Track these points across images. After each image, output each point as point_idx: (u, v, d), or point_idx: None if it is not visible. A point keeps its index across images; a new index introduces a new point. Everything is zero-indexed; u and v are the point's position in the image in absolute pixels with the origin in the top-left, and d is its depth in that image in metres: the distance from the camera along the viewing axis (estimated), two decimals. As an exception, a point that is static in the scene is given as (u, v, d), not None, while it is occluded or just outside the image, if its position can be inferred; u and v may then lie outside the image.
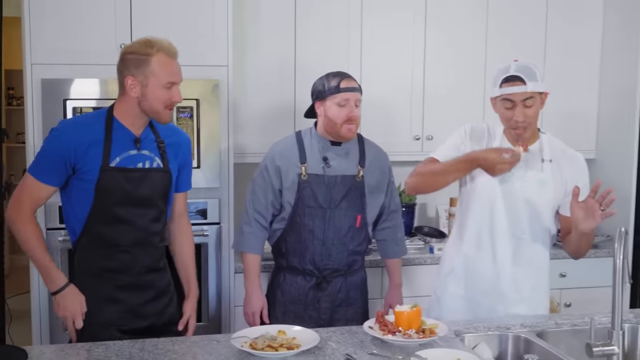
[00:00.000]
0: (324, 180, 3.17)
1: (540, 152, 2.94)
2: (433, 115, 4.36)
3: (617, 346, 2.22)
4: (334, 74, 3.19)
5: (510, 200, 2.89)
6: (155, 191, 2.79)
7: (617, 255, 2.22)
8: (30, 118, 3.56)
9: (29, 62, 3.55)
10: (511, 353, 2.69)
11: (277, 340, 2.42)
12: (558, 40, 4.53)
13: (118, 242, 2.73)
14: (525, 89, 2.80)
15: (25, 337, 4.04)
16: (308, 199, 3.16)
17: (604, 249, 4.34)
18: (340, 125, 3.13)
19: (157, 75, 2.67)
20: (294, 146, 3.22)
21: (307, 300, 3.24)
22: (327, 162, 3.19)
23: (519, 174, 2.88)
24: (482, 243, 2.96)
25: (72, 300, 2.69)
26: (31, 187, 2.70)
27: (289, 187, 3.18)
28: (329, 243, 3.19)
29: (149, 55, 2.66)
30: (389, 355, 2.37)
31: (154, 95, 2.67)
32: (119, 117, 2.72)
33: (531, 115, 2.84)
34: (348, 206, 3.20)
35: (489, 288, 2.96)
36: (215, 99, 3.72)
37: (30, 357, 2.32)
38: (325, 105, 3.15)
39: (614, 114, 4.51)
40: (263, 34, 4.13)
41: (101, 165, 2.65)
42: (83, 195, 2.68)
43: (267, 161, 3.25)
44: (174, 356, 2.36)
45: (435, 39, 4.37)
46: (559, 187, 2.91)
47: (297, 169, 3.17)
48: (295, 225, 3.21)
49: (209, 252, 3.78)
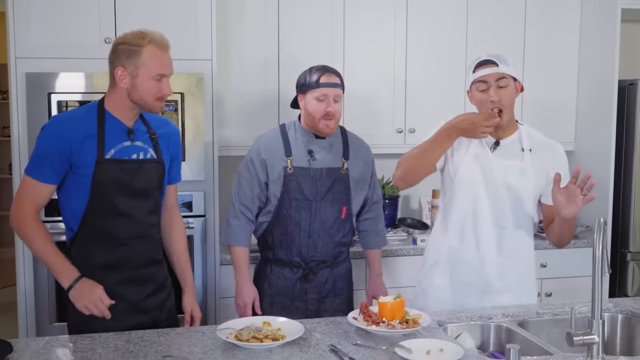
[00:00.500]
0: (309, 173, 3.19)
1: (520, 142, 2.98)
2: (415, 108, 4.39)
3: (597, 335, 2.25)
4: (317, 67, 3.20)
5: (493, 190, 2.93)
6: (151, 182, 2.78)
7: (597, 246, 2.25)
8: (15, 112, 3.56)
9: (13, 56, 3.54)
10: (493, 342, 2.72)
11: (262, 331, 2.44)
12: (537, 33, 4.57)
13: (117, 235, 2.71)
14: (498, 69, 2.87)
15: (11, 330, 4.05)
16: (294, 192, 3.18)
17: (583, 239, 4.39)
18: (318, 120, 3.15)
19: (147, 66, 2.66)
20: (278, 139, 3.23)
21: (294, 291, 3.26)
22: (312, 155, 3.21)
23: (500, 164, 2.93)
24: (466, 233, 2.99)
25: (88, 291, 2.63)
26: (30, 189, 2.67)
27: (275, 180, 3.20)
28: (315, 235, 3.22)
29: (140, 46, 2.65)
30: (373, 346, 2.39)
31: (143, 87, 2.66)
32: (110, 109, 2.71)
33: (505, 96, 2.89)
34: (333, 198, 3.22)
35: (475, 278, 2.99)
36: (200, 92, 3.73)
37: (16, 349, 2.33)
38: (306, 98, 3.17)
39: (592, 105, 4.56)
40: (247, 28, 4.14)
41: (96, 158, 2.63)
42: (79, 190, 2.66)
43: (252, 154, 3.26)
44: (159, 348, 2.38)
45: (417, 32, 4.40)
46: (540, 175, 2.95)
47: (282, 162, 3.18)
48: (281, 217, 3.22)
49: (194, 245, 3.79)
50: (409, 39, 4.38)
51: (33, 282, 3.60)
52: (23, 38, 3.54)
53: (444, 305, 2.96)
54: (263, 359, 2.28)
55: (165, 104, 3.63)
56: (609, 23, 4.37)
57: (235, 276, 3.31)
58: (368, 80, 4.33)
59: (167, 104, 3.66)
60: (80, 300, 2.62)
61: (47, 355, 2.32)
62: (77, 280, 2.63)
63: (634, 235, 4.50)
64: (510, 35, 4.53)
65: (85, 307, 2.62)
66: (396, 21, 4.36)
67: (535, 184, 2.95)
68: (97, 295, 2.63)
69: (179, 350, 2.36)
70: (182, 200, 3.76)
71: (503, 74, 2.87)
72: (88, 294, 2.62)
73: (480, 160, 2.94)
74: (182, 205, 3.75)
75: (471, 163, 2.95)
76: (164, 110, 3.66)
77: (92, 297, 2.62)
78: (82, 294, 2.63)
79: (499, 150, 2.96)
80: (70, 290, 2.63)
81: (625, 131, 4.49)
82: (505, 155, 2.95)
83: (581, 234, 4.45)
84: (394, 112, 4.39)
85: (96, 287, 2.65)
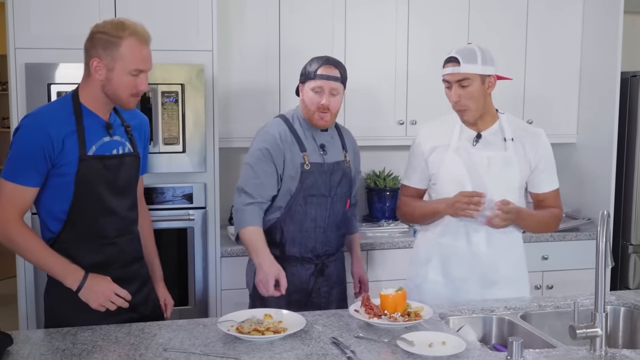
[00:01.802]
0: (324, 168, 3.13)
1: (501, 132, 2.97)
2: (416, 100, 4.37)
3: (601, 328, 2.24)
4: (318, 58, 3.12)
5: (478, 183, 2.92)
6: (131, 177, 2.71)
7: (600, 238, 2.24)
8: (14, 103, 3.54)
9: (12, 46, 3.52)
10: (495, 335, 2.72)
11: (263, 324, 2.43)
12: (538, 25, 4.55)
13: (104, 233, 2.62)
14: (459, 69, 2.85)
15: (11, 322, 4.04)
16: (311, 188, 3.10)
17: (585, 231, 4.38)
18: (312, 112, 3.08)
19: (125, 60, 2.52)
20: (288, 132, 3.12)
21: (309, 287, 3.19)
22: (325, 149, 3.16)
23: (482, 156, 2.93)
24: (455, 229, 2.98)
25: (100, 287, 2.53)
26: (11, 195, 2.51)
27: (293, 176, 3.09)
28: (329, 230, 3.18)
29: (120, 37, 2.51)
30: (375, 339, 2.39)
31: (119, 80, 2.53)
32: (86, 103, 2.58)
33: (467, 95, 2.87)
34: (342, 192, 3.20)
35: (468, 272, 2.99)
36: (200, 83, 3.71)
37: (16, 342, 2.32)
38: (304, 89, 3.12)
39: (595, 98, 4.54)
40: (248, 19, 4.12)
41: (79, 155, 2.52)
42: (61, 191, 2.54)
43: (267, 144, 3.08)
44: (160, 340, 2.37)
45: (418, 27, 4.38)
46: (524, 164, 2.95)
47: (299, 158, 3.09)
48: (295, 214, 3.12)
49: (195, 236, 3.78)
50: (410, 31, 4.36)
51: (33, 274, 3.58)
52: (23, 28, 3.52)
53: (439, 301, 2.95)
54: (265, 351, 2.27)
55: (166, 95, 3.64)
56: (612, 14, 4.35)
57: (253, 259, 3.03)
58: (369, 72, 4.31)
59: (167, 95, 3.65)
60: (95, 299, 2.52)
61: (47, 347, 2.31)
62: (85, 279, 2.52)
63: (635, 228, 4.49)
64: (512, 28, 4.50)
65: (101, 305, 2.53)
66: (398, 14, 4.33)
67: (519, 173, 2.95)
68: (110, 290, 2.54)
69: (180, 342, 2.35)
70: (182, 192, 3.76)
71: (464, 74, 2.85)
72: (102, 291, 2.53)
73: (462, 154, 2.95)
74: (182, 197, 3.75)
75: (454, 158, 2.95)
76: (164, 102, 3.65)
77: (106, 294, 2.53)
78: (95, 292, 2.52)
79: (481, 143, 2.95)
80: (80, 291, 2.52)
81: (628, 123, 4.48)
82: (487, 147, 2.95)
83: (582, 227, 4.44)
84: (396, 104, 4.37)
85: (106, 281, 2.56)
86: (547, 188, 3.03)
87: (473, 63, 2.85)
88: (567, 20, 4.60)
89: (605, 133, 4.43)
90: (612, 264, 2.28)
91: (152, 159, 3.68)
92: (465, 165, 2.93)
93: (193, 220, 3.77)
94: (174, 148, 3.71)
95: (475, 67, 2.86)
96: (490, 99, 2.97)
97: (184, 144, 3.71)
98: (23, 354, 2.25)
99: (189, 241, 3.80)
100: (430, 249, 3.06)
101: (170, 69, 3.68)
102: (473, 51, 2.88)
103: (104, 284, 2.55)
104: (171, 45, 3.68)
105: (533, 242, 4.21)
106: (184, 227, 3.79)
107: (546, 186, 3.03)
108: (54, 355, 2.24)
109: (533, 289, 4.30)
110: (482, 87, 2.89)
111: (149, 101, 3.64)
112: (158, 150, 3.68)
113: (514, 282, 3.03)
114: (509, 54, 4.47)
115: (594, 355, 2.25)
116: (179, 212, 3.78)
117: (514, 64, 4.50)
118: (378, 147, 3.51)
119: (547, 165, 2.99)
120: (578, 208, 4.64)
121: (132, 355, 2.25)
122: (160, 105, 3.65)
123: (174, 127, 3.69)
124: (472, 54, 2.87)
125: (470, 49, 2.90)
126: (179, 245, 3.80)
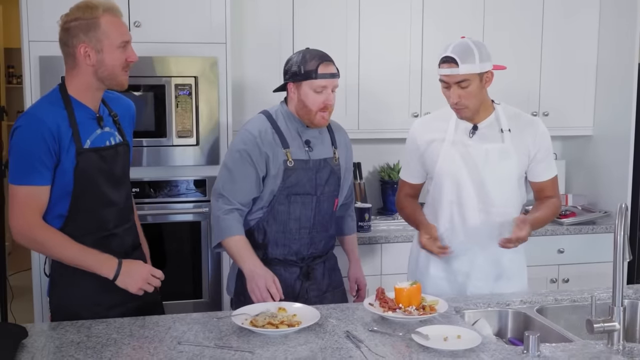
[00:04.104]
0: (309, 165, 2.97)
1: (498, 123, 2.94)
2: (431, 93, 4.34)
3: (618, 322, 2.22)
4: (312, 54, 2.93)
5: (476, 176, 2.91)
6: (125, 166, 2.70)
7: (618, 231, 2.22)
8: (28, 96, 3.55)
9: (26, 39, 3.54)
10: (511, 329, 2.70)
11: (277, 317, 2.43)
12: (556, 14, 4.51)
13: (105, 225, 2.61)
14: (458, 71, 2.78)
15: (27, 314, 4.05)
16: (294, 186, 2.94)
17: (602, 224, 4.35)
18: (315, 112, 2.91)
19: (110, 36, 2.49)
20: (270, 129, 2.95)
21: (295, 292, 3.00)
22: (310, 145, 2.99)
23: (480, 148, 2.90)
24: (455, 224, 2.97)
25: (136, 272, 2.52)
26: (26, 198, 2.47)
27: (275, 174, 2.92)
28: (315, 230, 3.02)
29: (97, 17, 2.48)
30: (390, 332, 2.37)
31: (111, 58, 2.50)
32: (76, 95, 2.55)
33: (467, 95, 2.83)
34: (330, 191, 3.04)
35: (468, 267, 2.98)
36: (214, 76, 3.70)
37: (31, 334, 2.32)
38: (301, 89, 2.91)
39: (612, 90, 4.50)
40: (261, 11, 4.11)
41: (76, 149, 2.49)
42: (61, 187, 2.51)
43: (246, 145, 2.91)
44: (174, 333, 2.36)
45: (433, 17, 4.34)
46: (522, 155, 2.93)
47: (282, 156, 2.93)
48: (278, 214, 2.96)
49: (208, 229, 3.78)
50: (425, 20, 4.33)
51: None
52: (36, 21, 3.53)
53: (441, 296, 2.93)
54: (279, 345, 2.26)
55: (179, 87, 3.63)
56: (629, 6, 4.31)
57: (242, 266, 2.87)
58: (383, 64, 4.29)
59: (180, 87, 3.65)
60: (134, 284, 2.51)
61: (62, 340, 2.31)
62: (120, 266, 2.51)
63: (652, 221, 4.46)
64: (529, 19, 4.46)
65: (140, 288, 2.52)
66: (412, 11, 4.31)
67: (517, 164, 2.93)
68: (147, 272, 2.54)
69: (194, 336, 2.35)
70: (196, 184, 3.75)
71: (463, 76, 2.79)
72: (139, 275, 2.52)
73: (459, 147, 2.92)
74: (196, 190, 3.75)
75: (451, 152, 2.93)
76: (178, 95, 3.64)
77: (144, 276, 2.52)
78: (133, 277, 2.51)
79: (478, 135, 2.92)
80: (117, 279, 2.50)
81: (645, 115, 4.43)
82: (484, 139, 2.92)
83: (599, 220, 4.40)
84: (410, 97, 4.35)
85: (141, 264, 2.57)
86: (546, 177, 3.00)
87: (471, 63, 2.78)
88: (584, 11, 4.55)
89: (622, 125, 4.39)
90: (630, 257, 2.25)
91: (166, 151, 3.68)
92: (462, 158, 2.91)
93: (206, 213, 3.77)
94: (187, 141, 3.71)
95: (473, 66, 2.79)
96: (486, 91, 2.92)
97: (198, 136, 3.70)
98: (38, 347, 2.25)
99: (203, 234, 3.80)
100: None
101: (184, 61, 3.67)
102: (469, 49, 2.80)
103: (139, 267, 2.55)
104: (184, 38, 3.67)
105: (549, 236, 4.18)
106: (197, 220, 3.80)
107: (545, 175, 3.00)
108: (69, 348, 2.24)
109: (549, 283, 4.28)
110: (481, 85, 2.84)
111: (163, 94, 3.64)
112: (172, 143, 3.68)
113: (515, 275, 3.02)
114: (524, 46, 4.45)
115: (611, 349, 2.23)
116: (193, 205, 3.78)
117: (529, 56, 4.47)
118: (392, 140, 3.49)
119: (545, 154, 2.97)
120: (594, 201, 4.60)
121: (146, 349, 2.25)
122: (174, 98, 3.64)
123: (188, 120, 3.68)
124: (469, 53, 2.79)
125: (466, 47, 2.81)
126: (193, 238, 3.81)
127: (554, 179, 3.03)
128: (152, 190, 3.73)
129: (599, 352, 2.22)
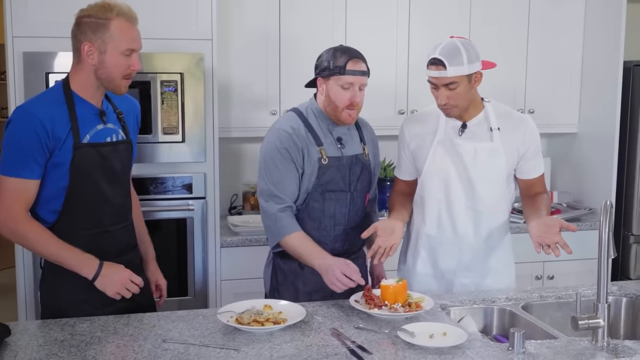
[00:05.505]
0: (342, 162, 2.96)
1: (487, 122, 2.92)
2: (418, 90, 4.34)
3: (603, 319, 2.23)
4: (342, 50, 2.91)
5: (464, 175, 2.90)
6: (125, 164, 2.70)
7: (603, 228, 2.23)
8: (12, 92, 3.52)
9: (10, 35, 3.50)
10: (496, 326, 2.71)
11: (263, 314, 2.42)
12: (541, 10, 4.52)
13: (99, 222, 2.60)
14: (446, 74, 2.75)
15: (10, 312, 4.03)
16: (329, 184, 2.94)
17: (586, 222, 4.36)
18: (341, 109, 2.89)
19: (116, 40, 2.49)
20: (303, 127, 2.93)
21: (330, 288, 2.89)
22: (342, 142, 2.99)
23: (469, 147, 2.89)
24: (442, 221, 2.96)
25: (115, 276, 2.52)
26: (14, 190, 2.47)
27: (310, 172, 2.91)
28: (349, 227, 3.02)
29: (108, 19, 2.49)
30: (375, 329, 2.37)
31: (112, 63, 2.50)
32: (78, 91, 2.55)
33: (455, 97, 2.80)
34: (362, 187, 3.04)
35: (456, 264, 2.97)
36: (200, 72, 3.69)
37: (14, 332, 2.31)
38: (328, 84, 2.89)
39: (597, 87, 4.51)
40: (247, 7, 4.09)
41: (73, 144, 2.49)
42: (57, 181, 2.51)
43: (285, 143, 2.89)
44: (159, 331, 2.36)
45: (419, 14, 4.34)
46: (511, 153, 2.92)
47: (316, 153, 2.92)
48: (313, 211, 2.94)
49: (194, 227, 3.77)
50: (411, 16, 4.32)
51: (32, 264, 3.57)
52: (20, 17, 3.50)
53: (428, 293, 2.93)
54: (264, 342, 2.26)
55: (165, 84, 3.61)
56: (615, 3, 4.32)
57: (311, 263, 2.80)
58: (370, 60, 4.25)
59: (166, 84, 3.63)
60: (111, 287, 2.51)
61: (45, 338, 2.30)
62: (101, 267, 2.50)
63: (637, 218, 4.47)
64: (514, 15, 4.47)
65: (117, 293, 2.52)
66: (399, 7, 4.30)
67: (506, 163, 2.92)
68: (126, 277, 2.53)
69: (179, 333, 2.34)
70: (182, 182, 3.74)
71: (451, 78, 2.76)
72: (118, 279, 2.52)
73: (448, 146, 2.92)
74: (182, 187, 3.74)
75: (439, 150, 2.93)
76: (163, 91, 3.63)
77: (122, 281, 2.52)
78: (111, 280, 2.51)
79: (467, 133, 2.91)
80: (96, 280, 2.50)
81: (630, 113, 4.45)
82: (473, 138, 2.91)
83: (584, 217, 4.42)
84: (397, 94, 4.35)
85: (121, 269, 2.55)
86: (536, 174, 3.00)
87: (459, 65, 2.75)
88: (569, 9, 4.56)
89: (607, 123, 4.41)
90: (614, 254, 2.26)
91: (152, 148, 3.66)
92: (450, 156, 2.91)
93: (192, 210, 3.76)
94: (173, 138, 3.69)
95: (461, 68, 2.75)
96: (476, 90, 2.91)
97: (184, 133, 3.69)
98: (20, 345, 2.23)
99: (189, 231, 3.78)
100: (418, 241, 3.04)
101: (170, 58, 3.65)
102: (457, 50, 2.76)
103: (119, 271, 2.54)
104: (170, 34, 3.65)
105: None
106: (183, 217, 3.78)
107: (535, 172, 3.00)
108: (52, 346, 2.23)
109: (534, 280, 4.30)
110: (469, 85, 2.82)
111: (149, 90, 3.62)
112: (157, 140, 3.67)
113: (502, 272, 3.02)
114: (510, 42, 4.45)
115: (595, 346, 2.24)
116: (179, 202, 3.77)
117: (515, 53, 4.48)
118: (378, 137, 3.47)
119: (535, 152, 2.96)
120: (579, 198, 4.62)
121: (130, 346, 2.24)
122: (160, 94, 3.62)
123: (173, 117, 3.67)
124: (457, 55, 2.75)
125: (454, 48, 2.77)
126: (179, 235, 3.79)
127: (542, 175, 3.04)
128: (137, 187, 3.71)
129: (583, 349, 2.23)
